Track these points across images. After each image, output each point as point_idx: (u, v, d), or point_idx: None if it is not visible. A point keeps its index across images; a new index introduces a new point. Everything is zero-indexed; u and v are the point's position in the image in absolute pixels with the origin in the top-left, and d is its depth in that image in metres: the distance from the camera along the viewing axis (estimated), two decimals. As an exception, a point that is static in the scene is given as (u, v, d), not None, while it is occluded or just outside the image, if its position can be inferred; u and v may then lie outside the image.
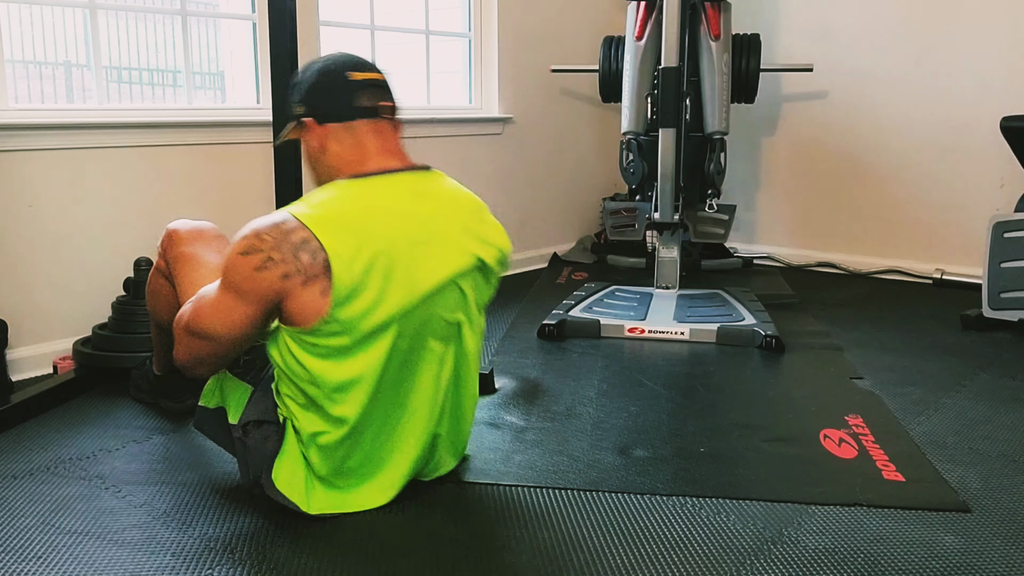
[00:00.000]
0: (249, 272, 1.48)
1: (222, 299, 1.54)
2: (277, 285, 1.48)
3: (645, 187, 3.50)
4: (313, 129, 1.65)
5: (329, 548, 1.52)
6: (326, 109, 1.64)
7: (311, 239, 1.47)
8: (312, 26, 3.11)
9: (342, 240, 1.49)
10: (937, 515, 1.67)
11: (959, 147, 3.69)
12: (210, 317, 1.55)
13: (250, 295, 1.50)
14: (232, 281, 1.51)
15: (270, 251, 1.47)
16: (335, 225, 1.50)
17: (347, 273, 1.48)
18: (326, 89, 1.64)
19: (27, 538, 1.56)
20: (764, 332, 2.79)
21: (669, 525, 1.62)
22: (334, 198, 1.56)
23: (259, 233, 1.49)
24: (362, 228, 1.52)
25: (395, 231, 1.56)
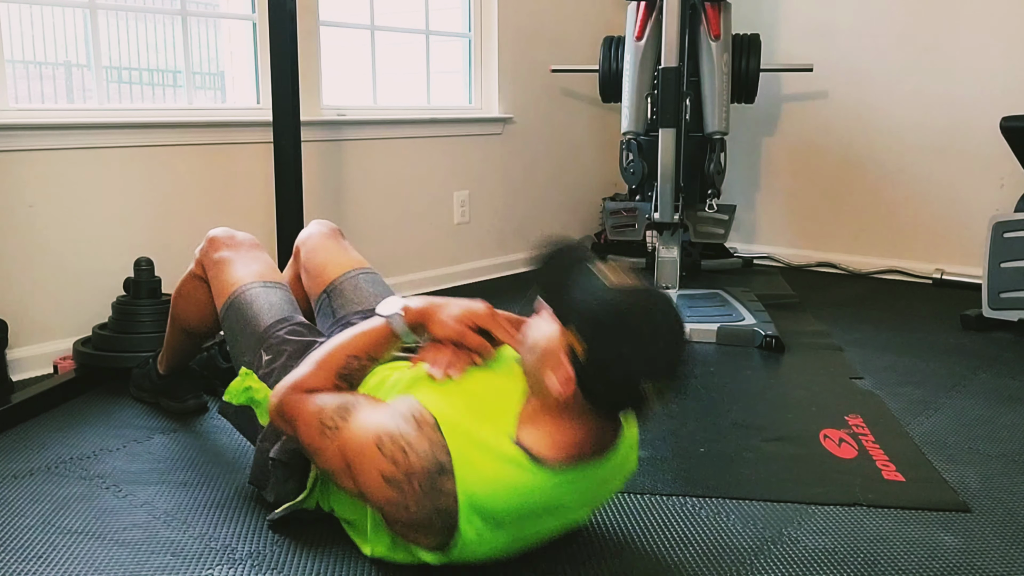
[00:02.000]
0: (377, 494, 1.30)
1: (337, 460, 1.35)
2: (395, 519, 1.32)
3: (645, 187, 3.50)
4: (569, 378, 1.27)
5: (329, 548, 1.52)
6: (595, 394, 1.28)
7: (454, 519, 1.27)
8: (312, 26, 3.11)
9: (481, 530, 1.29)
10: (937, 515, 1.67)
11: (959, 147, 3.69)
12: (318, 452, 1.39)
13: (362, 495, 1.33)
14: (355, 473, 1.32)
15: (410, 500, 1.27)
16: (487, 519, 1.29)
17: (462, 555, 1.32)
18: (613, 383, 1.26)
19: (28, 538, 1.56)
20: (764, 332, 2.79)
21: (669, 525, 1.62)
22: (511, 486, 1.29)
23: (412, 475, 1.27)
24: (514, 528, 1.33)
25: (549, 527, 1.39)
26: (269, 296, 1.79)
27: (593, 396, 1.28)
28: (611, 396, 1.28)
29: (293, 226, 2.79)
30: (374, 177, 3.41)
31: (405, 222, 3.56)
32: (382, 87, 3.50)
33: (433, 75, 3.72)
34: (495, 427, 1.33)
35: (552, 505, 1.34)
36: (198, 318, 1.98)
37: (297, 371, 1.48)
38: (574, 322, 1.26)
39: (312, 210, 3.03)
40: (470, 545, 1.30)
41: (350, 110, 3.33)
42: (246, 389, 1.69)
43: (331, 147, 3.24)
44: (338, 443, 1.34)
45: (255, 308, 1.76)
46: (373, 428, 1.32)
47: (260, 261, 1.88)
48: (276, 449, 1.55)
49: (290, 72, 2.69)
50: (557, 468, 1.31)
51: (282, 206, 2.80)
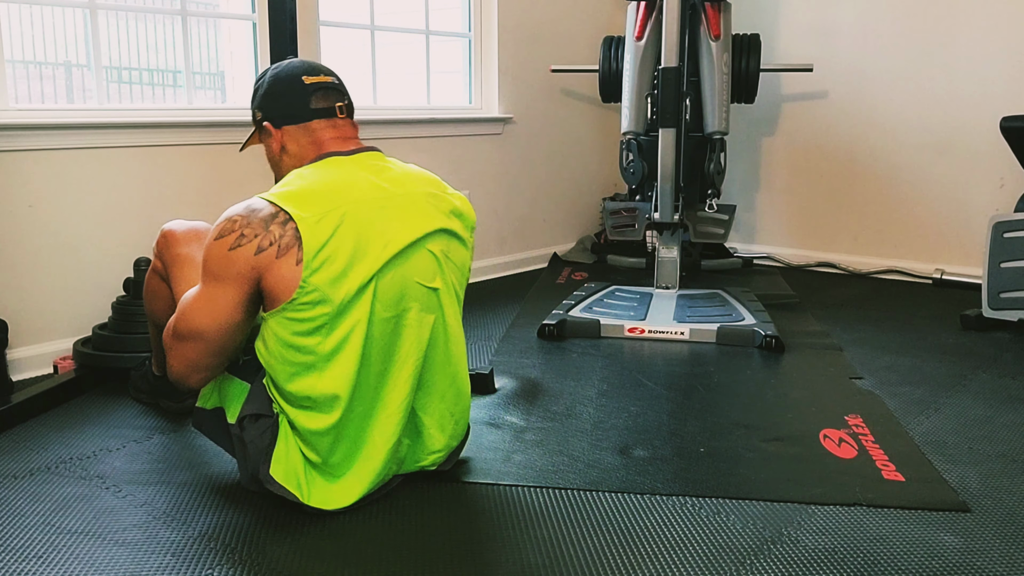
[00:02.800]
0: (224, 253, 1.53)
1: (203, 291, 1.58)
2: (252, 261, 1.52)
3: (645, 187, 3.50)
4: (272, 133, 1.73)
5: (329, 548, 1.52)
6: (282, 113, 1.72)
7: (279, 212, 1.53)
8: (312, 26, 3.11)
9: (308, 208, 1.54)
10: (937, 515, 1.67)
11: (959, 147, 3.69)
12: (195, 313, 1.59)
13: (229, 277, 1.54)
14: (210, 268, 1.56)
15: (242, 229, 1.53)
16: (301, 198, 1.56)
17: (315, 237, 1.52)
18: (281, 94, 1.72)
19: (28, 538, 1.56)
20: (764, 332, 2.79)
21: (669, 525, 1.62)
22: (297, 177, 1.63)
23: (230, 216, 1.56)
24: (327, 196, 1.57)
25: (359, 196, 1.61)
26: None
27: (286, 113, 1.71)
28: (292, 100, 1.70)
29: (293, 226, 2.78)
30: (374, 177, 3.40)
31: (405, 222, 3.55)
32: (382, 87, 3.50)
33: (433, 75, 3.72)
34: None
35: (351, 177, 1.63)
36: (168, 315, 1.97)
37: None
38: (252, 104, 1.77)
39: (312, 210, 3.02)
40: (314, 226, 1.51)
41: (350, 110, 3.32)
42: (218, 390, 1.71)
43: (331, 147, 3.24)
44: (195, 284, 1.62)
45: None
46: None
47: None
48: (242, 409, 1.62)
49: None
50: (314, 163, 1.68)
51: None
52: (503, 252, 4.02)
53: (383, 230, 1.61)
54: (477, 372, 2.32)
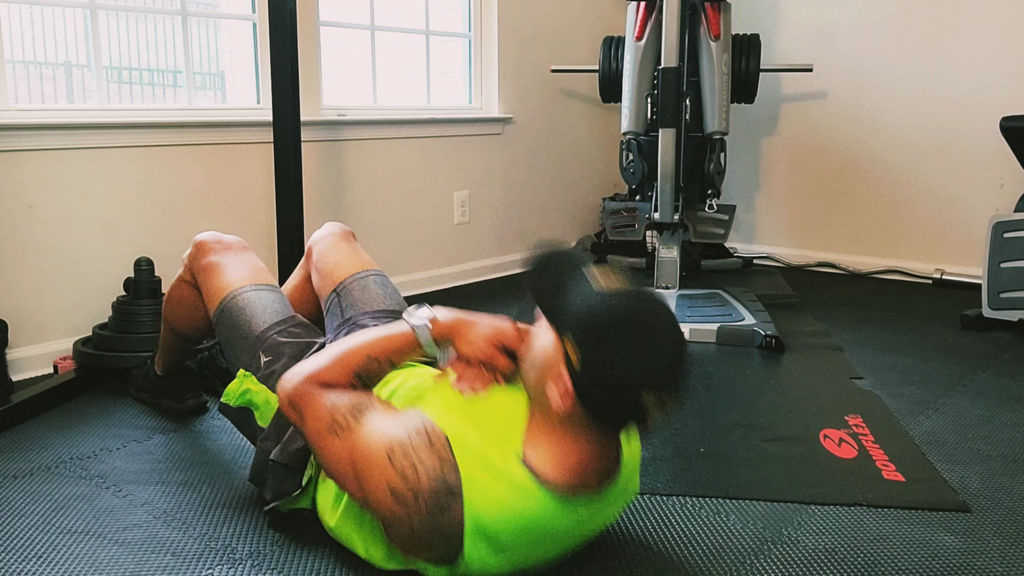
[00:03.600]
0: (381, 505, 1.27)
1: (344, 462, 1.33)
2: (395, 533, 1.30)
3: (645, 187, 3.50)
4: (567, 388, 1.24)
5: (329, 548, 1.52)
6: (593, 403, 1.25)
7: (458, 538, 1.25)
8: (312, 26, 3.11)
9: (484, 555, 1.27)
10: (937, 515, 1.67)
11: (959, 147, 3.69)
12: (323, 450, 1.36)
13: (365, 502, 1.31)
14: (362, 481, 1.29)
15: (413, 515, 1.25)
16: (494, 538, 1.26)
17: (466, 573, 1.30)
18: (611, 391, 1.23)
19: (28, 537, 1.56)
20: (764, 332, 2.79)
21: (669, 525, 1.62)
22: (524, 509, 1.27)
23: (420, 493, 1.24)
24: (516, 555, 1.30)
25: (549, 556, 1.36)
26: (262, 299, 1.79)
27: (592, 407, 1.24)
28: (610, 406, 1.24)
29: (293, 226, 2.79)
30: (374, 177, 3.41)
31: (405, 222, 3.56)
32: (382, 87, 3.50)
33: (433, 75, 3.72)
34: (502, 445, 1.30)
35: (556, 531, 1.32)
36: (190, 322, 1.97)
37: (313, 361, 1.45)
38: (569, 330, 1.24)
39: (312, 210, 3.03)
40: (473, 567, 1.28)
41: (350, 110, 3.33)
42: (244, 392, 1.69)
43: (331, 147, 3.24)
44: (348, 444, 1.31)
45: (248, 312, 1.76)
46: (385, 436, 1.29)
47: (249, 263, 1.87)
48: (276, 451, 1.55)
49: (290, 72, 2.69)
50: (562, 494, 1.28)
51: (282, 206, 2.80)
52: (503, 252, 4.01)
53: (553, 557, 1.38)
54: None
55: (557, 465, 1.28)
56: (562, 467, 1.28)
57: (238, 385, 1.70)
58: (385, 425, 1.32)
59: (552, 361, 1.26)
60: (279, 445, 1.56)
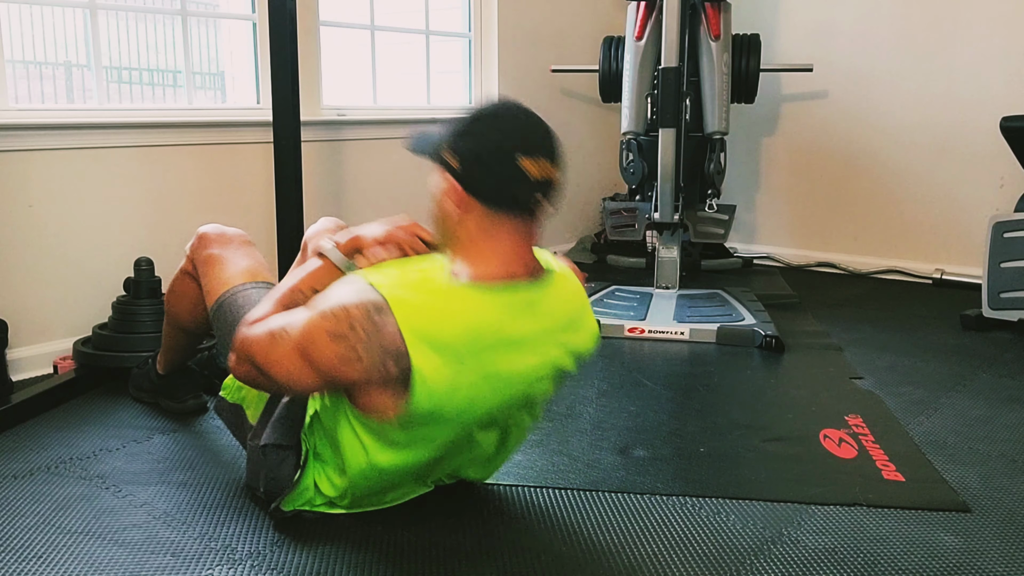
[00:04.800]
0: (330, 356, 1.36)
1: (294, 358, 1.40)
2: (354, 377, 1.38)
3: (645, 187, 3.50)
4: (456, 191, 1.42)
5: (329, 548, 1.52)
6: (479, 186, 1.41)
7: (404, 355, 1.34)
8: (312, 26, 3.11)
9: (434, 364, 1.36)
10: (937, 515, 1.67)
11: (959, 147, 3.69)
12: (277, 365, 1.43)
13: (323, 373, 1.39)
14: (309, 353, 1.38)
15: (358, 346, 1.34)
16: (435, 342, 1.36)
17: (427, 399, 1.38)
18: (488, 165, 1.40)
19: (28, 538, 1.56)
20: (764, 332, 2.79)
21: (669, 525, 1.62)
22: (445, 310, 1.39)
23: (353, 320, 1.35)
24: (461, 357, 1.38)
25: (495, 360, 1.43)
26: (260, 296, 1.79)
27: (481, 193, 1.40)
28: (494, 182, 1.40)
29: (293, 226, 2.79)
30: (374, 177, 3.41)
31: (405, 222, 3.55)
32: (382, 87, 3.50)
33: (433, 75, 3.72)
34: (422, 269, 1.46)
35: (497, 328, 1.41)
36: (192, 315, 1.98)
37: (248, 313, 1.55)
38: (442, 147, 1.45)
39: (312, 210, 3.03)
40: (430, 382, 1.35)
41: (350, 110, 3.33)
42: (239, 388, 1.70)
43: (331, 147, 3.24)
44: (290, 341, 1.40)
45: (246, 309, 1.76)
46: (315, 310, 1.40)
47: (251, 258, 1.88)
48: (267, 434, 1.57)
49: (290, 72, 2.69)
50: (487, 285, 1.41)
51: (282, 206, 2.80)
52: (503, 252, 4.01)
53: (505, 379, 1.45)
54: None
55: (473, 262, 1.43)
56: (477, 262, 1.43)
57: (234, 380, 1.71)
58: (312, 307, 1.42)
59: (438, 182, 1.46)
60: (267, 428, 1.58)
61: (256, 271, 1.85)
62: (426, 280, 1.42)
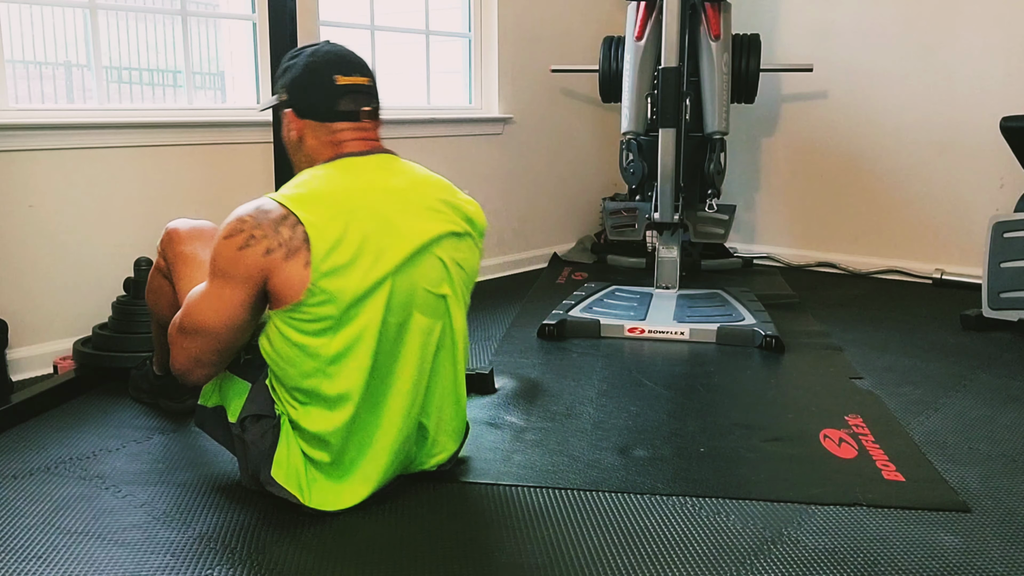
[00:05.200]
0: (233, 253, 1.53)
1: (211, 288, 1.58)
2: (261, 261, 1.52)
3: (645, 187, 3.50)
4: (292, 119, 1.71)
5: (329, 547, 1.52)
6: (307, 107, 1.69)
7: (289, 215, 1.53)
8: (312, 26, 3.11)
9: (318, 212, 1.54)
10: (937, 515, 1.67)
11: (959, 147, 3.69)
12: (202, 310, 1.59)
13: (237, 276, 1.54)
14: (219, 267, 1.56)
15: (251, 230, 1.52)
16: (311, 201, 1.56)
17: (324, 242, 1.52)
18: (309, 88, 1.68)
19: (27, 538, 1.56)
20: (764, 332, 2.79)
21: (669, 525, 1.62)
22: (309, 179, 1.63)
23: (240, 217, 1.55)
24: (337, 201, 1.58)
25: (369, 202, 1.61)
26: None
27: (311, 110, 1.67)
28: (320, 100, 1.66)
29: (293, 226, 2.78)
30: (374, 177, 3.41)
31: (405, 222, 3.55)
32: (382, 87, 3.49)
33: (433, 75, 3.72)
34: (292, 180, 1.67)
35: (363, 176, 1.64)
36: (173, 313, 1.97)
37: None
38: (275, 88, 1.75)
39: (312, 210, 3.03)
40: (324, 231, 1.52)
41: (350, 110, 3.32)
42: (219, 388, 1.71)
43: (331, 147, 3.24)
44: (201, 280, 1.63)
45: None
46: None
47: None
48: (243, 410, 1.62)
49: (290, 72, 2.69)
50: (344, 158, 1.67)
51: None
52: (503, 252, 4.01)
53: (393, 234, 1.61)
54: (477, 372, 2.32)
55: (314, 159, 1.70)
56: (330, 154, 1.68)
57: (213, 384, 1.72)
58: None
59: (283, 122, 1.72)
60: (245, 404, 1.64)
61: None
62: (293, 179, 1.66)
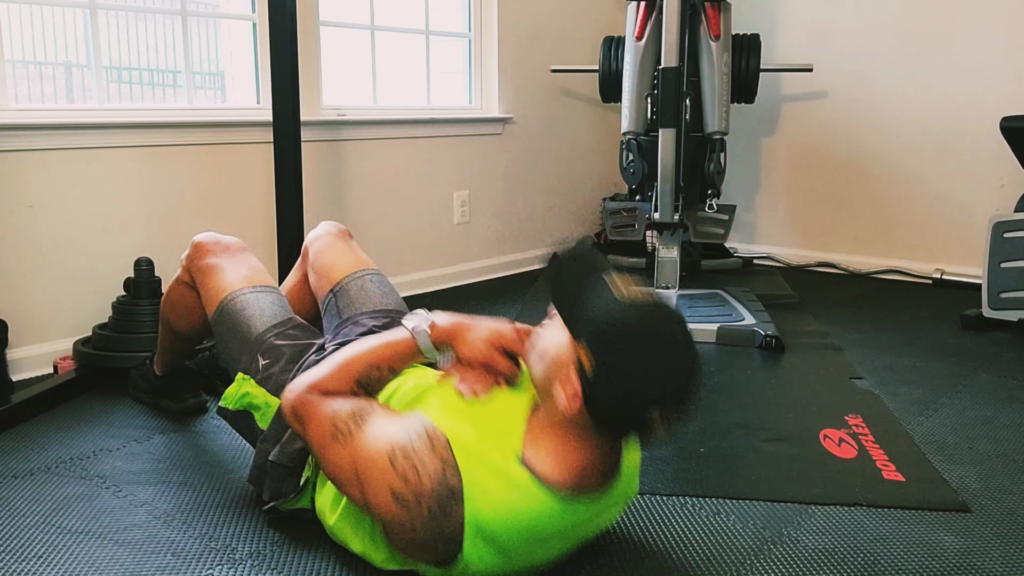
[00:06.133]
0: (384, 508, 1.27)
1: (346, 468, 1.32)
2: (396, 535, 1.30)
3: (645, 187, 3.50)
4: (576, 394, 1.24)
5: (329, 547, 1.52)
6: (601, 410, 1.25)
7: (456, 543, 1.25)
8: (312, 26, 3.11)
9: (482, 557, 1.28)
10: (937, 515, 1.67)
11: (959, 147, 3.69)
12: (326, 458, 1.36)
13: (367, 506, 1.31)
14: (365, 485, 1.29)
15: (416, 519, 1.25)
16: (488, 539, 1.26)
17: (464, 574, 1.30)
18: (619, 401, 1.23)
19: (28, 538, 1.56)
20: (764, 332, 2.79)
21: (669, 525, 1.62)
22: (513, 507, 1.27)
23: (421, 497, 1.24)
24: (508, 554, 1.30)
25: (548, 555, 1.36)
26: (260, 301, 1.78)
27: (598, 415, 1.25)
28: (617, 418, 1.26)
29: (293, 226, 2.79)
30: (374, 177, 3.41)
31: (405, 222, 3.56)
32: (382, 87, 3.50)
33: (433, 75, 3.72)
34: (502, 445, 1.30)
35: (556, 532, 1.32)
36: (189, 323, 1.97)
37: (315, 371, 1.46)
38: (584, 335, 1.23)
39: (312, 210, 3.03)
40: (472, 567, 1.28)
41: (350, 110, 3.33)
42: (243, 395, 1.69)
43: (331, 147, 3.24)
44: (349, 450, 1.32)
45: (247, 314, 1.76)
46: (387, 440, 1.29)
47: (248, 265, 1.86)
48: (275, 452, 1.55)
49: (290, 72, 2.69)
50: (562, 494, 1.28)
51: (282, 206, 2.80)
52: (503, 252, 4.02)
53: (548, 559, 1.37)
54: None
55: (558, 465, 1.29)
56: (563, 468, 1.29)
57: (236, 388, 1.70)
58: (386, 429, 1.32)
59: (563, 362, 1.26)
60: (278, 446, 1.56)
61: (255, 277, 1.84)
62: (504, 464, 1.28)
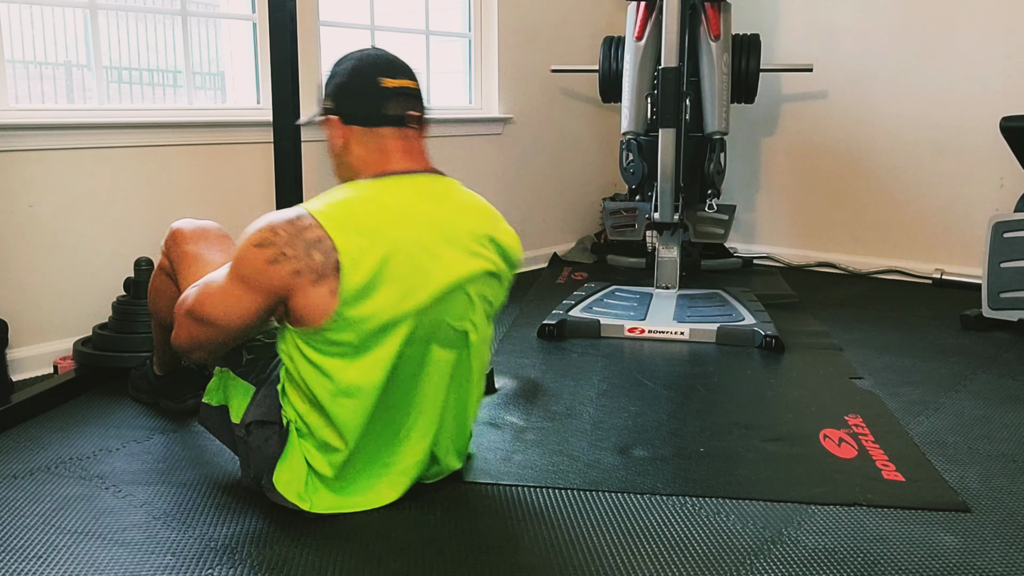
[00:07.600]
0: (261, 265, 1.49)
1: (229, 288, 1.54)
2: (287, 280, 1.49)
3: (645, 187, 3.50)
4: (338, 127, 1.65)
5: (329, 547, 1.52)
6: (352, 111, 1.64)
7: (325, 238, 1.48)
8: (312, 26, 3.11)
9: (355, 241, 1.50)
10: (937, 515, 1.67)
11: (959, 147, 3.69)
12: (214, 304, 1.56)
13: (259, 287, 1.51)
14: (242, 272, 1.52)
15: (284, 246, 1.48)
16: (349, 225, 1.51)
17: (357, 274, 1.49)
18: (355, 92, 1.63)
19: (28, 538, 1.56)
20: (764, 332, 2.79)
21: (669, 525, 1.62)
22: (351, 198, 1.57)
23: (274, 227, 1.50)
24: (375, 230, 1.53)
25: (408, 233, 1.56)
26: None
27: (356, 116, 1.62)
28: (366, 104, 1.62)
29: (293, 226, 2.78)
30: (374, 177, 3.41)
31: (405, 222, 3.55)
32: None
33: (433, 75, 3.72)
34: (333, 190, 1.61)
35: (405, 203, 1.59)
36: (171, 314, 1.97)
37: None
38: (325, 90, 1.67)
39: (312, 210, 3.03)
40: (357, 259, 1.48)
41: (350, 110, 3.32)
42: (223, 387, 1.71)
43: (331, 147, 3.24)
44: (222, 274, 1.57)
45: None
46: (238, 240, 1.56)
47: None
48: (247, 414, 1.61)
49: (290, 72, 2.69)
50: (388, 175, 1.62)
51: (282, 206, 2.78)
52: (503, 252, 4.01)
53: (427, 272, 1.57)
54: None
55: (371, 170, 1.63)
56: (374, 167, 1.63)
57: (216, 382, 1.71)
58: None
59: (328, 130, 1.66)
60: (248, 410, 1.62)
61: None
62: (334, 191, 1.60)
